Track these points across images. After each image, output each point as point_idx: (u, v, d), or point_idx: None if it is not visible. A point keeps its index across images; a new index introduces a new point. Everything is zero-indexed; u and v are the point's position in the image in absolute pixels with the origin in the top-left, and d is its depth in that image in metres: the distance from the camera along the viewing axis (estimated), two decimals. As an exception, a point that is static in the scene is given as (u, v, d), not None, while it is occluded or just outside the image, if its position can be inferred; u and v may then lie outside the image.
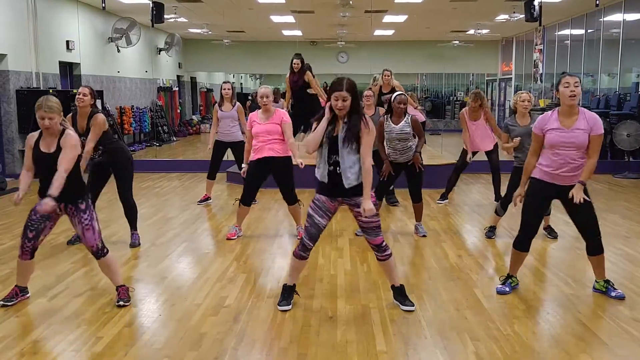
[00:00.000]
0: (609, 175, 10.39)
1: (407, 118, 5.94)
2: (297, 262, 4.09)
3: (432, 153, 10.72)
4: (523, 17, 12.34)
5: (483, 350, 3.46)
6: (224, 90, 7.70)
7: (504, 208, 5.99)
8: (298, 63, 8.73)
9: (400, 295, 4.13)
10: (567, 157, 4.08)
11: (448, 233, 6.38)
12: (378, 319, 3.92)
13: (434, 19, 15.59)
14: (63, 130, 3.98)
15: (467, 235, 6.38)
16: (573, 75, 4.07)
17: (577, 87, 4.01)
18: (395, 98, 5.94)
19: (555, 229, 6.07)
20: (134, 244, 5.76)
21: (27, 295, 4.29)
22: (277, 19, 15.72)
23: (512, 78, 20.28)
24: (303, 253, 4.03)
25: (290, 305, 4.11)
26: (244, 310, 4.09)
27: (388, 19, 15.68)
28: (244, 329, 3.77)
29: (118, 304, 4.12)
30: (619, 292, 4.32)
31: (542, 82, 17.42)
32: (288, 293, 4.15)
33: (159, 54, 18.41)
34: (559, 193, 4.22)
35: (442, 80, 27.72)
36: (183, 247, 5.85)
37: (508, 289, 4.43)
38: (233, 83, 24.02)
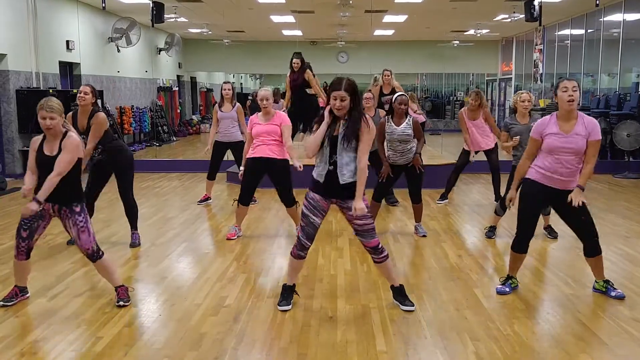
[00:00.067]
0: (609, 175, 10.39)
1: (408, 120, 5.93)
2: (295, 262, 4.10)
3: (432, 153, 10.72)
4: (523, 17, 12.33)
5: (483, 350, 3.46)
6: (224, 91, 7.70)
7: (504, 208, 5.99)
8: (298, 62, 8.77)
9: (400, 295, 4.13)
10: (565, 162, 4.07)
11: (448, 233, 6.38)
12: (378, 319, 3.92)
13: (434, 19, 15.59)
14: (65, 132, 3.98)
15: (467, 235, 6.38)
16: (571, 80, 4.04)
17: (575, 91, 3.98)
18: (396, 99, 5.94)
19: (555, 229, 6.07)
20: (134, 244, 5.76)
21: (26, 295, 4.29)
22: (277, 19, 15.72)
23: (512, 78, 20.27)
24: (301, 252, 4.04)
25: (290, 305, 4.11)
26: (244, 310, 4.09)
27: (388, 19, 15.67)
28: (244, 329, 3.77)
29: (118, 305, 4.12)
30: (619, 291, 4.32)
31: (542, 82, 17.42)
32: (288, 293, 4.16)
33: (159, 54, 18.41)
34: (553, 197, 4.21)
35: (442, 80, 27.72)
36: (183, 247, 5.85)
37: (508, 290, 4.43)
38: (233, 83, 24.02)
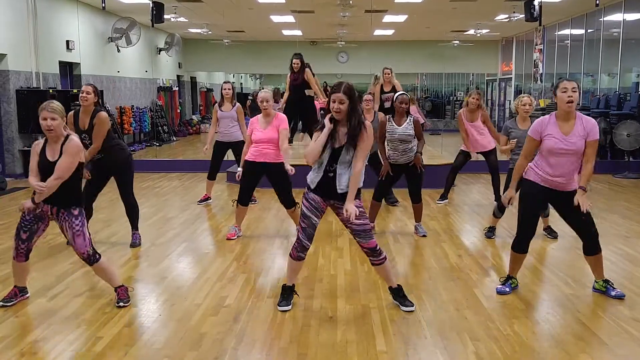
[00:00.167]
0: (609, 175, 10.39)
1: (409, 119, 5.93)
2: (294, 263, 4.10)
3: (432, 153, 10.72)
4: (523, 17, 12.33)
5: (483, 350, 3.46)
6: (224, 91, 7.70)
7: (502, 210, 5.99)
8: (298, 63, 8.83)
9: (399, 296, 4.13)
10: (564, 162, 4.07)
11: (448, 233, 6.38)
12: (378, 319, 3.92)
13: (434, 19, 15.59)
14: (67, 136, 3.98)
15: (467, 235, 6.38)
16: (571, 81, 4.03)
17: (574, 92, 3.97)
18: (397, 98, 5.96)
19: (555, 229, 6.07)
20: (135, 244, 5.76)
21: (26, 296, 4.29)
22: (277, 19, 15.72)
23: (512, 78, 20.26)
24: (301, 254, 4.05)
25: (290, 306, 4.11)
26: (244, 310, 4.09)
27: (388, 19, 15.67)
28: (244, 329, 3.77)
29: (118, 305, 4.12)
30: (619, 291, 4.32)
31: (542, 82, 17.42)
32: (287, 293, 4.16)
33: (159, 54, 18.41)
34: (554, 197, 4.22)
35: (442, 80, 27.72)
36: (183, 247, 5.85)
37: (508, 290, 4.43)
38: (233, 83, 24.01)
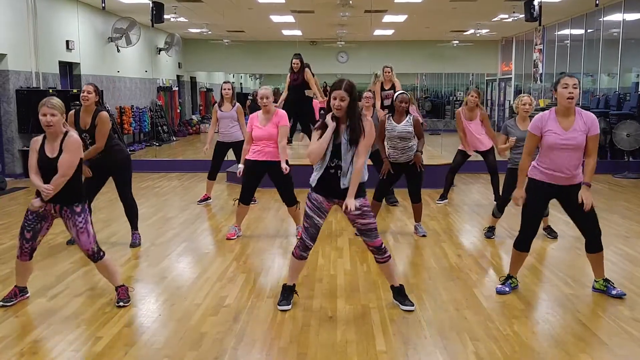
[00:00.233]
0: (609, 175, 10.39)
1: (409, 118, 5.95)
2: (297, 262, 4.11)
3: (431, 153, 10.72)
4: (523, 17, 12.33)
5: (483, 350, 3.46)
6: (224, 91, 7.70)
7: (501, 210, 6.00)
8: (297, 63, 8.86)
9: (400, 295, 4.14)
10: (565, 158, 4.07)
11: (447, 233, 6.38)
12: (378, 319, 3.93)
13: (434, 19, 15.58)
14: (66, 133, 3.98)
15: (466, 235, 6.38)
16: (573, 77, 4.03)
17: (575, 89, 3.98)
18: (397, 97, 5.98)
19: (555, 229, 6.07)
20: (135, 244, 5.76)
21: (26, 295, 4.29)
22: (277, 19, 15.71)
23: (511, 78, 20.26)
24: (303, 253, 4.05)
25: (290, 305, 4.11)
26: (244, 310, 4.09)
27: (388, 19, 15.67)
28: (244, 329, 3.77)
29: (118, 305, 4.12)
30: (619, 290, 4.32)
31: (541, 82, 17.41)
32: (288, 293, 4.16)
33: (159, 54, 18.40)
34: (558, 193, 4.22)
35: (441, 80, 27.73)
36: (183, 247, 5.85)
37: (508, 289, 4.43)
38: (233, 83, 24.00)
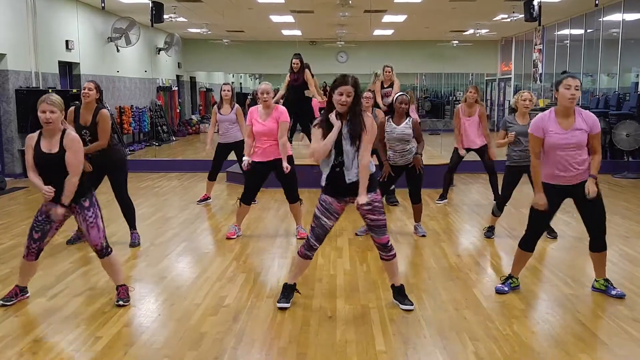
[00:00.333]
0: (609, 175, 10.38)
1: (408, 120, 5.94)
2: (301, 261, 4.11)
3: (431, 153, 10.72)
4: (522, 17, 12.34)
5: (482, 350, 3.46)
6: (224, 92, 7.70)
7: (500, 209, 6.00)
8: (297, 63, 8.87)
9: (400, 295, 4.14)
10: (569, 157, 4.07)
11: (447, 233, 6.38)
12: (377, 319, 3.92)
13: (434, 19, 15.59)
14: (64, 130, 3.98)
15: (466, 235, 6.38)
16: (575, 78, 4.03)
17: (577, 90, 3.99)
18: (397, 98, 5.98)
19: (555, 229, 6.07)
20: (134, 244, 5.76)
21: (26, 295, 4.29)
22: (276, 19, 15.71)
23: (511, 78, 20.26)
24: (308, 252, 4.06)
25: (289, 303, 4.11)
26: (244, 310, 4.09)
27: (387, 19, 15.67)
28: (244, 329, 3.77)
29: (117, 304, 4.13)
30: (619, 290, 4.32)
31: (541, 82, 17.41)
32: (288, 292, 4.17)
33: (159, 54, 18.39)
34: (568, 192, 4.20)
35: (441, 80, 27.72)
36: (182, 246, 5.85)
37: (507, 289, 4.43)
38: (232, 83, 24.03)
